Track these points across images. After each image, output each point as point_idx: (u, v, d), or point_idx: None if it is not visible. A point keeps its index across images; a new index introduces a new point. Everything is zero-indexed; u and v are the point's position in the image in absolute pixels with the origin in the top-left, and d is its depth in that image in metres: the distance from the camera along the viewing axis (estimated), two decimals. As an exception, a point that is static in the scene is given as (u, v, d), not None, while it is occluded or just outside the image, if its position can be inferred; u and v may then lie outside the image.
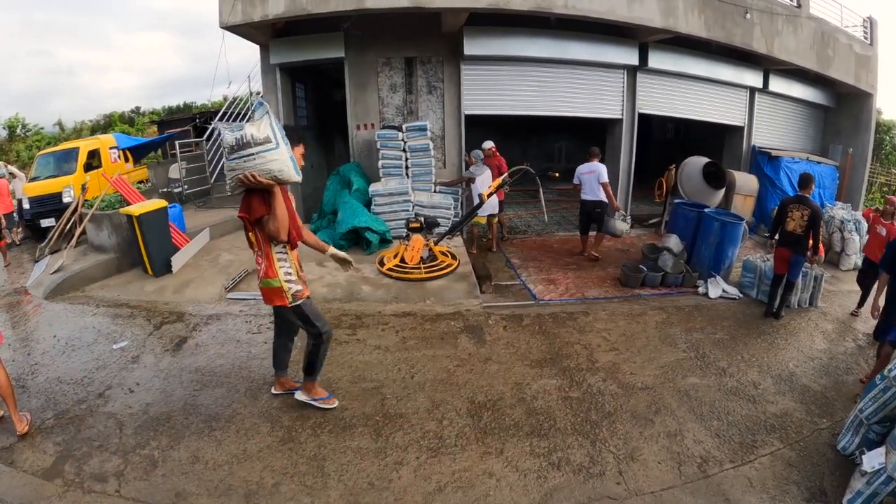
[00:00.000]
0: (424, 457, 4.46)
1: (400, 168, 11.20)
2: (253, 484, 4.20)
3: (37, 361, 6.55)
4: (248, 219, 4.22)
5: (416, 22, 11.26)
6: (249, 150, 3.91)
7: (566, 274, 9.29)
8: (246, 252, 9.72)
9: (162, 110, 39.72)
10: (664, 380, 5.65)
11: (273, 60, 11.96)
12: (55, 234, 11.35)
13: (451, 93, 12.08)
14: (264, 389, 5.55)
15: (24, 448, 4.88)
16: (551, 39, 11.63)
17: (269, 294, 4.53)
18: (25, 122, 32.80)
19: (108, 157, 15.29)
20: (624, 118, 12.82)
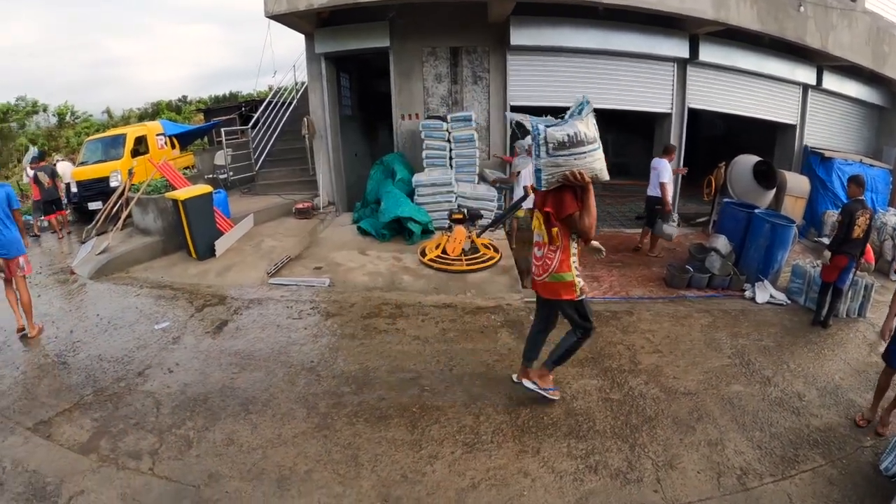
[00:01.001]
0: (460, 452, 4.38)
1: (444, 158, 11.07)
2: (286, 469, 4.18)
3: (79, 339, 6.65)
4: (557, 215, 4.21)
5: (461, 11, 11.14)
6: (582, 148, 3.97)
7: (610, 271, 9.06)
8: (290, 239, 9.98)
9: (208, 99, 40.28)
10: (707, 386, 5.45)
11: (318, 50, 11.96)
12: (102, 217, 11.56)
13: (496, 83, 11.91)
14: (302, 375, 5.53)
15: (61, 422, 4.97)
16: (599, 30, 11.36)
17: (557, 288, 4.51)
18: (74, 110, 33.72)
19: (155, 143, 15.52)
20: (673, 113, 12.44)
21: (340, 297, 7.66)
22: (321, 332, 6.58)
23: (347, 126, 13.78)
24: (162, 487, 4.07)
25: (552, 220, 4.28)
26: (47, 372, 5.96)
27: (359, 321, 6.73)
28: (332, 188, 12.80)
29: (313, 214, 11.83)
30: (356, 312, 7.09)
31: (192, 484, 4.09)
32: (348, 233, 10.62)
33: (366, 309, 7.20)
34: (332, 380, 5.45)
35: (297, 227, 11.00)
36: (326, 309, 7.27)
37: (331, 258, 9.11)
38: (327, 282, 8.15)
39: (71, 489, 4.09)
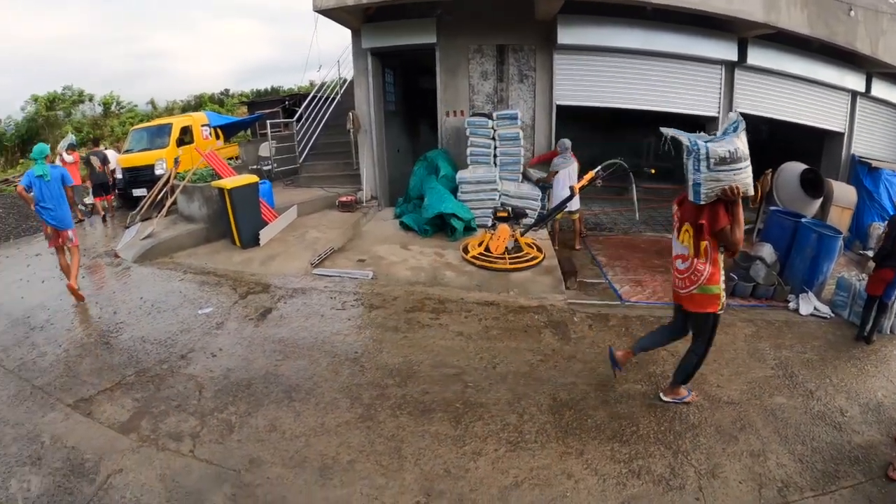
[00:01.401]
0: (503, 450, 4.30)
1: (488, 156, 11.00)
2: (328, 458, 4.15)
3: (122, 320, 6.74)
4: (710, 228, 4.32)
5: (508, 9, 11.06)
6: (740, 164, 4.12)
7: (653, 276, 8.86)
8: (333, 231, 9.99)
9: (250, 93, 40.79)
10: (751, 396, 5.30)
11: (365, 45, 11.98)
12: (146, 204, 11.72)
13: (542, 82, 11.79)
14: (346, 365, 5.51)
15: (102, 401, 5.04)
16: (646, 30, 11.18)
17: (702, 300, 4.56)
18: (120, 100, 34.49)
19: (200, 133, 15.75)
20: (720, 116, 12.11)
21: (383, 290, 7.63)
22: (365, 324, 6.57)
23: (391, 121, 13.79)
24: (202, 470, 4.07)
25: (705, 233, 4.34)
26: (90, 351, 6.05)
27: (402, 315, 6.68)
28: (376, 183, 12.81)
29: (356, 208, 11.84)
30: (399, 306, 7.04)
31: (233, 468, 4.07)
32: (391, 227, 10.63)
33: (409, 303, 7.16)
34: (376, 371, 5.42)
35: (340, 220, 11.01)
36: (370, 301, 7.25)
37: (373, 251, 9.11)
38: (370, 274, 8.13)
39: (109, 467, 4.11)
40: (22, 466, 4.16)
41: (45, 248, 10.40)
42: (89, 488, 3.90)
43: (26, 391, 5.28)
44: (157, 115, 31.80)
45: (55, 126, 29.23)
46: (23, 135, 28.99)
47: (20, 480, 4.00)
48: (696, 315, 4.68)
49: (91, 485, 3.93)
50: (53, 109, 30.80)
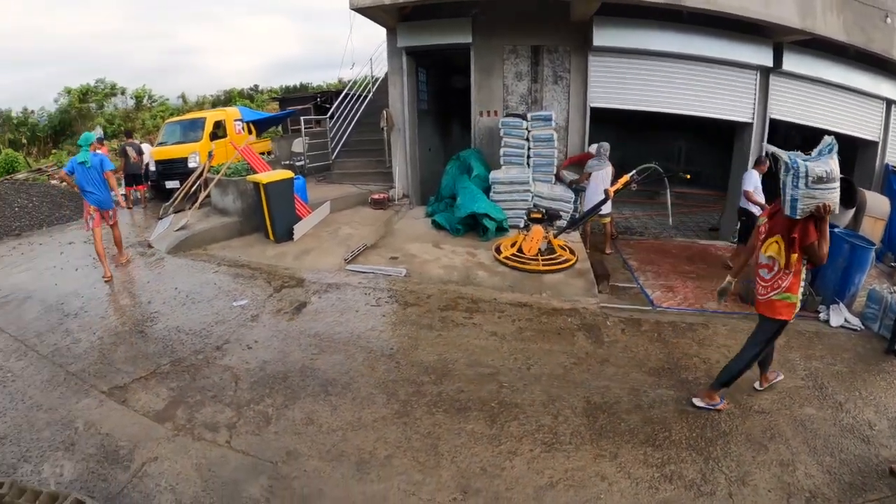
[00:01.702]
0: (538, 450, 4.30)
1: (522, 157, 10.93)
2: (366, 453, 4.16)
3: (157, 310, 6.80)
4: (801, 242, 4.57)
5: (543, 9, 10.97)
6: (833, 184, 4.34)
7: (685, 282, 8.75)
8: (366, 228, 10.05)
9: (279, 89, 41.19)
10: (781, 406, 5.24)
11: (400, 43, 12.00)
12: (179, 196, 11.82)
13: (577, 84, 11.69)
14: (381, 361, 5.53)
15: (137, 389, 5.10)
16: (682, 34, 11.03)
17: (781, 307, 4.81)
18: (151, 94, 35.05)
19: (233, 128, 15.91)
20: (755, 123, 11.92)
21: (417, 287, 7.63)
22: (399, 321, 6.59)
23: (423, 120, 13.79)
24: (238, 461, 4.09)
25: (796, 246, 4.59)
26: (124, 339, 6.13)
27: (436, 313, 6.67)
28: (408, 181, 12.83)
29: (388, 205, 11.86)
30: (433, 304, 7.04)
31: (270, 460, 4.09)
32: (422, 225, 10.62)
33: (442, 301, 7.15)
34: (411, 368, 5.42)
35: (372, 217, 11.04)
36: (404, 298, 7.25)
37: (406, 249, 9.12)
38: (403, 272, 8.14)
39: (144, 455, 4.15)
40: (55, 451, 4.22)
41: (78, 237, 10.65)
42: (124, 475, 3.94)
43: (60, 377, 5.36)
44: (187, 110, 32.24)
45: (87, 118, 29.80)
46: (55, 126, 29.62)
47: (53, 465, 4.07)
48: (767, 320, 4.91)
49: (125, 472, 3.98)
50: (86, 102, 31.38)
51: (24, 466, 4.09)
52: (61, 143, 28.23)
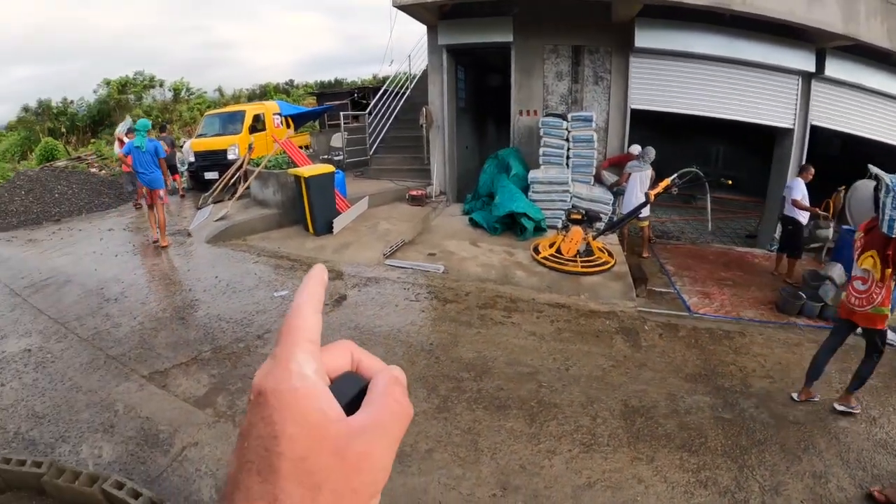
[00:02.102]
0: (577, 450, 4.30)
1: (561, 157, 10.85)
2: (407, 446, 4.19)
3: (198, 298, 6.89)
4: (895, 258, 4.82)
5: (585, 10, 10.91)
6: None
7: (722, 289, 8.64)
8: (404, 223, 10.11)
9: (314, 84, 41.46)
10: (815, 418, 5.18)
11: (441, 41, 12.04)
12: (218, 187, 11.94)
13: (617, 85, 11.63)
14: (422, 356, 5.55)
15: (178, 374, 5.18)
16: (724, 37, 10.90)
17: (874, 318, 5.05)
18: (189, 86, 35.58)
19: (272, 121, 16.06)
20: (795, 129, 11.71)
21: (455, 284, 7.64)
22: (438, 317, 6.60)
23: (461, 118, 13.84)
24: None
25: (890, 262, 4.79)
26: (165, 325, 6.21)
27: (474, 310, 6.66)
28: (445, 178, 12.87)
29: (426, 202, 11.88)
30: (471, 302, 7.04)
31: None
32: (459, 223, 10.64)
33: (480, 299, 7.15)
34: (451, 364, 5.43)
35: (410, 213, 11.08)
36: (442, 295, 7.27)
37: (443, 246, 9.16)
38: (441, 268, 8.17)
39: (185, 439, 4.21)
40: (94, 433, 4.29)
41: (117, 224, 10.83)
42: (163, 459, 4.00)
43: (100, 360, 5.46)
44: (224, 103, 32.69)
45: (126, 109, 30.27)
46: (94, 116, 30.18)
47: (92, 446, 4.14)
48: (869, 330, 5.16)
49: (165, 455, 4.03)
50: (125, 93, 31.90)
51: (63, 447, 4.17)
52: (100, 132, 28.75)
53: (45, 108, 29.62)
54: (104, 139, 26.44)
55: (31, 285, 7.72)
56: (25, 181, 14.49)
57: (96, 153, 22.58)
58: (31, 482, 3.61)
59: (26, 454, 3.88)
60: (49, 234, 10.64)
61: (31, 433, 4.34)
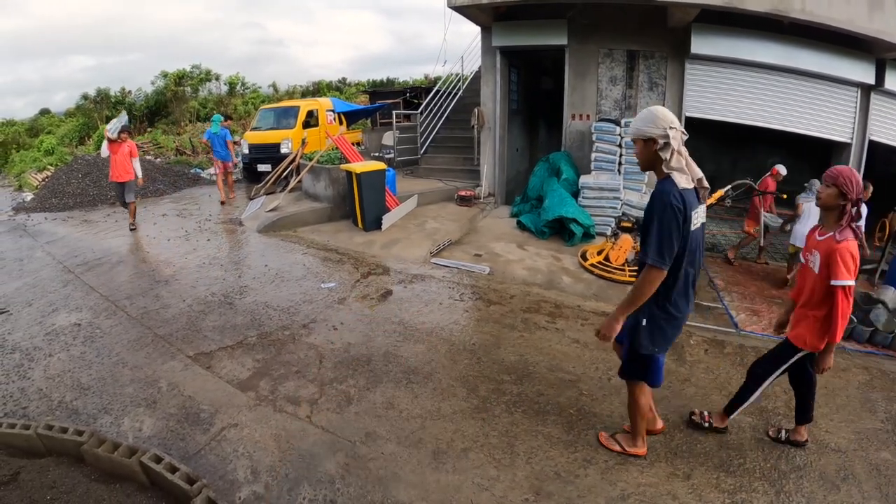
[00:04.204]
0: (613, 462, 4.19)
1: (613, 163, 10.73)
2: (443, 443, 4.15)
3: (247, 284, 7.02)
4: None
5: (640, 14, 10.78)
6: None
7: (771, 308, 8.33)
8: (451, 223, 10.15)
9: (366, 83, 41.88)
10: (857, 447, 4.89)
11: (495, 43, 12.01)
12: (271, 179, 12.16)
13: (672, 91, 11.41)
14: (463, 355, 5.52)
15: (223, 357, 5.29)
16: (781, 45, 10.58)
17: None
18: (244, 81, 36.41)
19: (325, 118, 16.31)
20: (853, 143, 11.32)
21: (500, 287, 7.58)
22: (482, 318, 6.54)
23: (512, 121, 13.76)
24: (318, 436, 4.16)
25: None
26: (213, 309, 6.34)
27: (518, 314, 6.59)
28: (494, 180, 12.81)
29: (474, 203, 11.87)
30: (516, 305, 6.97)
31: (349, 439, 4.14)
32: (506, 225, 10.58)
33: (525, 303, 7.07)
34: (493, 365, 5.38)
35: (457, 213, 11.09)
36: (487, 296, 7.21)
37: (490, 247, 9.11)
38: (487, 269, 8.12)
39: (225, 420, 4.28)
40: (137, 407, 4.41)
41: (171, 210, 11.11)
42: (202, 437, 4.07)
43: (147, 338, 5.61)
44: (277, 98, 33.42)
45: (182, 101, 31.08)
46: (151, 106, 30.98)
47: (133, 420, 4.25)
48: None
49: (205, 434, 4.10)
50: (181, 85, 32.65)
51: (105, 418, 4.29)
52: (156, 122, 29.50)
53: (103, 97, 30.49)
54: (160, 129, 27.19)
55: (84, 263, 7.98)
56: (83, 165, 15.04)
57: (152, 141, 23.24)
58: (72, 449, 3.71)
59: (69, 423, 4.00)
60: (104, 217, 10.95)
61: (74, 403, 4.49)
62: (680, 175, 3.38)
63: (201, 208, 11.79)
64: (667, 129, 3.39)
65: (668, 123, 3.40)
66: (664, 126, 3.38)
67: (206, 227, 9.60)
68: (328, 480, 3.69)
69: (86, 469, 3.63)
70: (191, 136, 24.49)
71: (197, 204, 12.44)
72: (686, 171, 3.44)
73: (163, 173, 16.01)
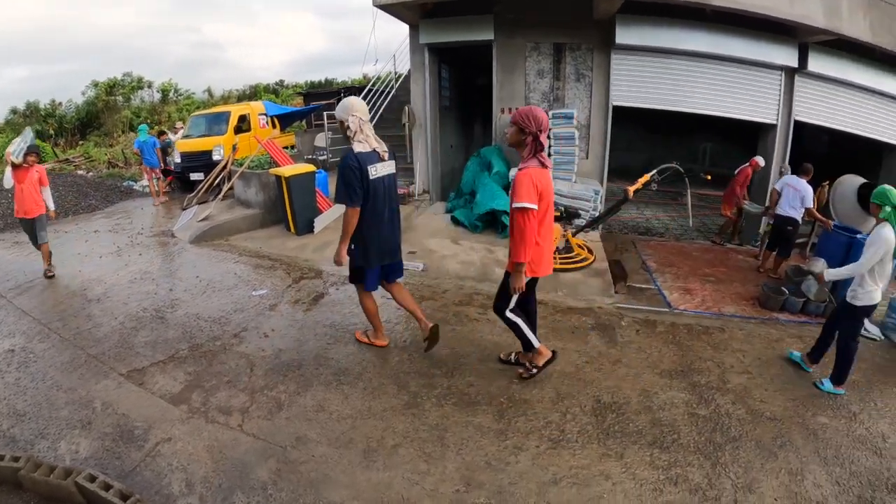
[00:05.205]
0: (544, 446, 4.30)
1: (542, 155, 10.79)
2: (373, 441, 4.21)
3: (178, 297, 6.96)
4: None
5: (566, 7, 10.99)
6: None
7: (703, 285, 8.65)
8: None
9: (304, 84, 41.51)
10: (793, 413, 5.13)
11: (422, 40, 12.08)
12: (203, 188, 12.01)
13: (599, 82, 11.64)
14: (394, 353, 5.59)
15: (155, 372, 5.23)
16: (706, 33, 10.94)
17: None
18: (178, 87, 35.77)
19: (257, 122, 16.15)
20: (779, 124, 11.80)
21: (433, 282, 7.67)
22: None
23: (445, 117, 13.85)
24: (249, 444, 4.17)
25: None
26: (145, 325, 6.27)
27: (451, 307, 6.70)
28: (428, 177, 12.89)
29: (409, 201, 11.90)
30: (448, 299, 7.07)
31: (280, 444, 4.17)
32: (441, 221, 10.66)
33: (458, 296, 7.17)
34: (423, 361, 5.46)
35: (392, 212, 11.00)
36: (420, 293, 7.27)
37: (424, 244, 9.17)
38: (421, 266, 8.20)
39: (158, 435, 4.25)
40: (72, 430, 4.34)
41: (102, 226, 10.87)
42: (137, 454, 4.04)
43: (81, 359, 5.51)
44: (213, 104, 32.84)
45: (114, 111, 30.38)
46: (82, 118, 30.14)
47: (70, 442, 4.18)
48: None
49: (139, 451, 4.07)
50: (113, 95, 31.88)
51: (42, 443, 4.21)
52: (88, 134, 28.73)
53: (33, 110, 29.59)
54: (92, 141, 26.48)
55: (17, 287, 7.76)
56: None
57: (84, 155, 22.64)
58: (10, 476, 3.66)
59: (6, 450, 3.94)
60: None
61: (11, 430, 4.38)
62: (359, 144, 4.76)
63: (133, 222, 11.50)
64: (349, 115, 4.76)
65: (352, 112, 4.78)
66: (349, 113, 4.76)
67: (138, 242, 9.44)
68: (261, 487, 3.71)
69: (25, 495, 3.60)
70: (123, 147, 23.94)
71: (129, 218, 12.14)
72: (364, 142, 4.81)
73: (94, 188, 15.61)
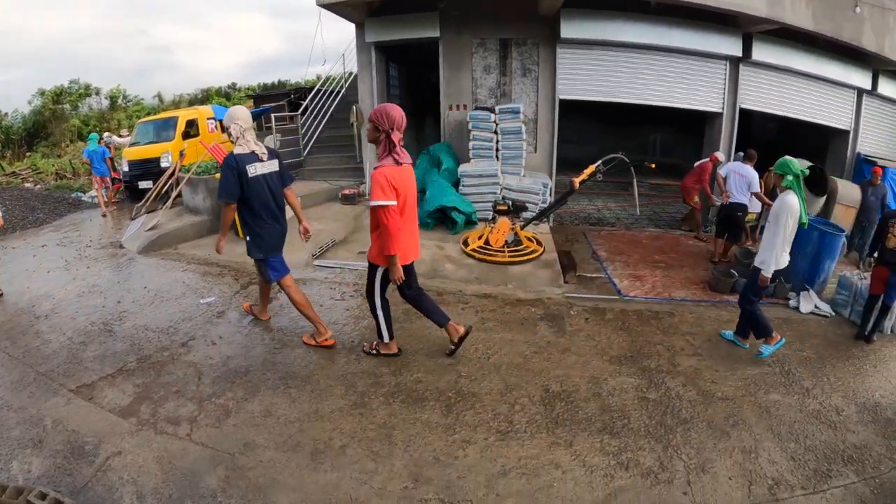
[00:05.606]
0: (493, 439, 4.37)
1: (490, 150, 10.98)
2: (321, 443, 4.24)
3: (126, 309, 6.88)
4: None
5: (511, 3, 11.11)
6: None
7: (654, 272, 8.88)
8: (336, 223, 10.18)
9: (257, 86, 41.14)
10: (745, 392, 5.29)
11: (368, 39, 12.10)
12: (152, 196, 11.87)
13: (545, 76, 11.82)
14: (342, 354, 5.62)
15: (104, 386, 5.15)
16: (651, 25, 11.20)
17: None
18: (126, 93, 35.05)
19: (206, 126, 15.92)
20: (724, 112, 12.15)
21: (383, 281, 7.64)
22: (362, 314, 6.64)
23: (395, 115, 13.73)
24: (198, 453, 4.16)
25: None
26: (93, 339, 6.17)
27: (400, 305, 6.63)
28: (378, 176, 12.73)
29: (359, 201, 11.89)
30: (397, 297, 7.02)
31: (228, 451, 4.17)
32: (392, 220, 10.54)
33: (407, 294, 7.17)
34: (371, 360, 5.50)
35: (342, 213, 11.11)
36: (369, 292, 7.25)
37: (374, 243, 9.08)
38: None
39: (109, 449, 4.21)
40: (24, 449, 4.26)
41: (50, 240, 10.65)
42: (88, 469, 4.00)
43: (30, 377, 5.39)
44: (163, 109, 32.27)
45: (62, 120, 29.61)
46: (29, 128, 29.39)
47: (22, 462, 4.10)
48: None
49: (90, 466, 4.03)
50: (60, 103, 31.15)
51: (-6, 465, 4.16)
52: (35, 145, 28.03)
53: (-24, 122, 28.79)
54: (40, 152, 25.83)
55: (-36, 307, 7.63)
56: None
57: (31, 167, 22.10)
58: (-37, 499, 3.66)
59: (-42, 475, 3.88)
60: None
61: (-37, 454, 4.34)
62: (239, 147, 5.26)
63: (82, 234, 11.24)
64: (232, 123, 5.29)
65: (234, 120, 5.32)
66: (232, 122, 5.31)
67: (86, 255, 9.27)
68: (210, 495, 3.71)
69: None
70: (71, 157, 23.38)
71: (78, 230, 11.86)
72: (244, 146, 5.30)
73: (42, 201, 15.26)
